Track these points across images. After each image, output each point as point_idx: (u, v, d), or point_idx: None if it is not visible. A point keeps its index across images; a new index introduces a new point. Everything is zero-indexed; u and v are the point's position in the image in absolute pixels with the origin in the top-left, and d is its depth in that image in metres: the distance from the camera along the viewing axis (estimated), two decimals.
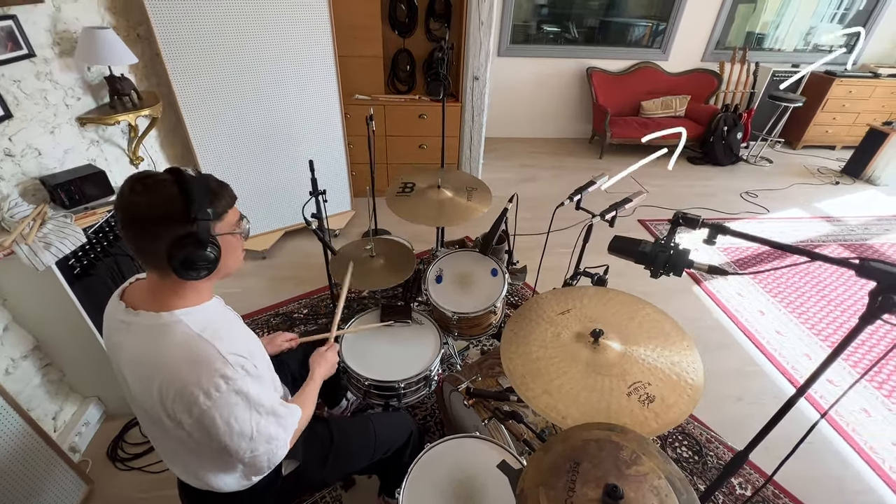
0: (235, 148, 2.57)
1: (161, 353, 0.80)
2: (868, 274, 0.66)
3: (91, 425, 1.79)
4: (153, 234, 0.77)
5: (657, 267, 0.85)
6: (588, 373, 1.12)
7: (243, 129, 2.54)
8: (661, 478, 0.87)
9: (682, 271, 0.83)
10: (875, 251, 3.20)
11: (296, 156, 2.77)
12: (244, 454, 0.86)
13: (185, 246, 0.77)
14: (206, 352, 0.80)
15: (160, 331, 0.81)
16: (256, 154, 2.65)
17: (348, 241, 3.07)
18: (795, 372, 2.20)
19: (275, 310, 2.49)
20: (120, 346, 0.86)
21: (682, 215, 0.81)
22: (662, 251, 0.83)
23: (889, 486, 1.74)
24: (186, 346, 0.80)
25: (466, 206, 1.71)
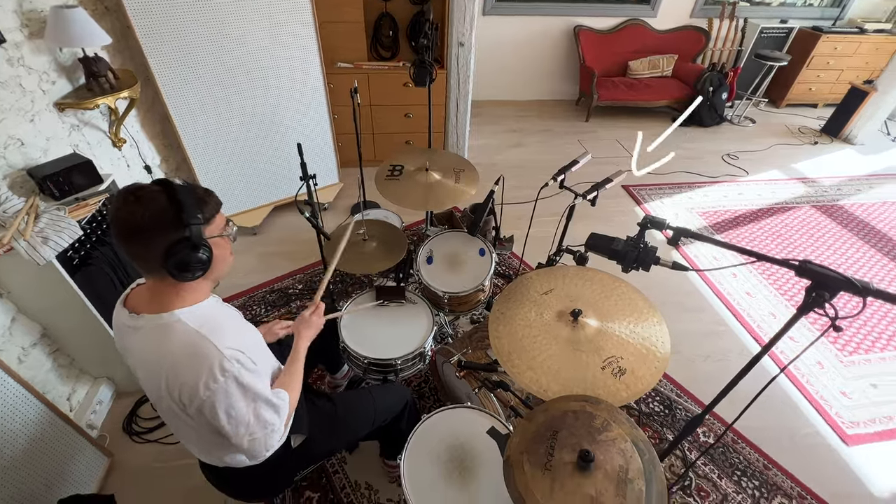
0: (218, 122, 2.53)
1: (164, 351, 0.88)
2: (804, 274, 0.76)
3: (104, 404, 1.90)
4: (148, 241, 0.83)
5: (627, 263, 0.94)
6: (568, 349, 1.24)
7: (225, 102, 2.49)
8: (627, 441, 1.00)
9: (650, 267, 0.92)
10: (844, 211, 3.35)
11: (281, 128, 2.74)
12: (242, 439, 0.95)
13: (179, 250, 0.84)
14: (204, 347, 0.87)
15: (162, 330, 0.89)
16: (241, 127, 2.61)
17: (337, 215, 3.13)
18: (761, 330, 2.38)
19: (269, 286, 2.56)
20: (129, 349, 0.94)
21: (650, 220, 0.88)
22: (632, 250, 0.92)
23: (834, 430, 1.96)
24: (186, 343, 0.87)
25: (454, 188, 1.76)
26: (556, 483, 0.92)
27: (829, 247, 2.99)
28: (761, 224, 3.18)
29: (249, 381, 0.91)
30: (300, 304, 2.43)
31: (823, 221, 3.23)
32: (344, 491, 1.69)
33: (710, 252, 2.89)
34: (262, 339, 1.10)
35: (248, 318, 2.29)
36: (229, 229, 0.96)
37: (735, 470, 1.81)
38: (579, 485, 0.91)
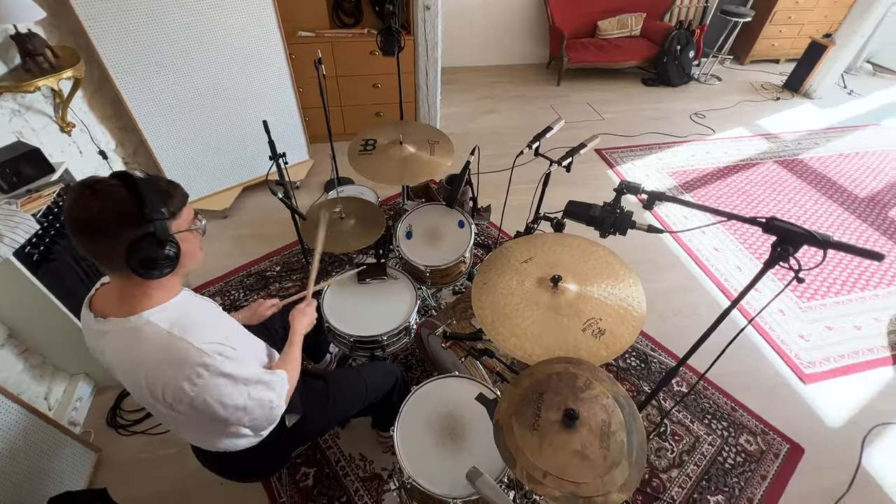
0: (175, 100, 2.38)
1: (137, 356, 0.85)
2: (771, 231, 0.80)
3: (84, 400, 1.85)
4: (109, 238, 0.78)
5: (605, 229, 0.96)
6: (549, 314, 1.27)
7: (180, 77, 2.34)
8: (609, 397, 1.06)
9: (627, 231, 0.95)
10: (804, 165, 3.49)
11: (244, 104, 2.61)
12: (244, 421, 0.95)
13: (143, 247, 0.79)
14: (179, 347, 0.84)
15: (132, 335, 0.85)
16: (201, 105, 2.47)
17: (310, 193, 3.05)
18: (728, 284, 2.50)
19: (246, 269, 2.51)
20: (101, 352, 0.91)
21: (625, 185, 0.90)
22: (609, 215, 0.94)
23: (793, 370, 2.12)
24: (160, 346, 0.84)
25: (429, 160, 1.74)
26: (545, 441, 0.97)
27: (790, 200, 3.12)
28: (728, 181, 3.28)
29: (234, 370, 0.89)
30: (280, 287, 2.40)
31: (785, 176, 3.36)
32: (339, 464, 1.73)
33: (680, 212, 2.98)
34: (239, 325, 1.09)
35: (226, 304, 2.27)
36: (198, 223, 0.92)
37: (706, 414, 1.94)
38: (566, 441, 0.96)
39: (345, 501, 1.64)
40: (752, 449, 1.83)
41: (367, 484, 1.68)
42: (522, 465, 0.93)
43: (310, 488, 1.67)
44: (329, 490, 1.67)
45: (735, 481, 1.73)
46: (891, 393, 2.04)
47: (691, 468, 1.77)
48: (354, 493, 1.66)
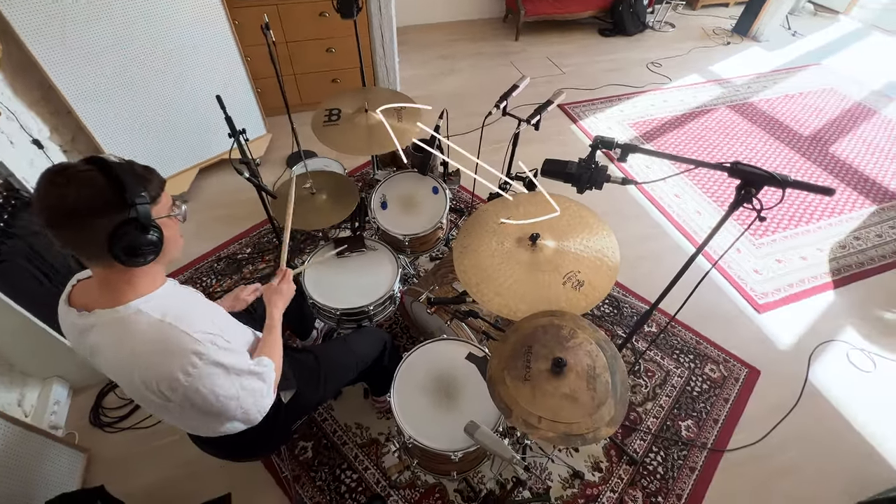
0: (112, 79, 2.18)
1: (129, 347, 0.83)
2: (735, 174, 0.85)
3: (62, 402, 1.79)
4: (89, 226, 0.74)
5: (582, 184, 0.99)
6: (530, 271, 1.32)
7: (113, 54, 2.13)
8: (592, 343, 1.13)
9: (602, 185, 0.98)
10: (754, 108, 3.63)
11: (190, 79, 2.43)
12: (235, 412, 0.95)
13: (126, 233, 0.76)
14: (173, 336, 0.82)
15: (122, 326, 0.83)
16: (143, 85, 2.28)
17: (273, 169, 2.93)
18: (689, 227, 2.64)
19: (215, 254, 2.42)
20: (89, 348, 0.88)
21: (600, 140, 0.92)
22: (585, 171, 0.96)
23: (749, 302, 2.30)
24: (153, 335, 0.82)
25: (397, 127, 1.70)
26: (537, 390, 1.03)
27: (742, 143, 3.27)
28: (685, 129, 3.38)
29: (228, 360, 0.88)
30: (253, 270, 2.35)
31: (737, 120, 3.49)
32: (336, 434, 1.78)
33: (643, 162, 3.07)
34: (229, 316, 1.07)
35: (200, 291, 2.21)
36: (178, 209, 0.88)
37: (674, 350, 2.09)
38: (556, 387, 1.03)
39: (345, 468, 1.70)
40: (716, 376, 2.01)
41: (366, 449, 1.74)
42: (518, 413, 1.00)
43: (310, 460, 1.72)
44: (329, 459, 1.72)
45: (702, 406, 1.91)
46: (832, 314, 2.26)
47: (664, 399, 1.93)
48: (354, 459, 1.72)
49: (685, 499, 1.66)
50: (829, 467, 1.75)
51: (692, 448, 1.79)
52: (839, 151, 3.22)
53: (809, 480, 1.72)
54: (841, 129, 3.43)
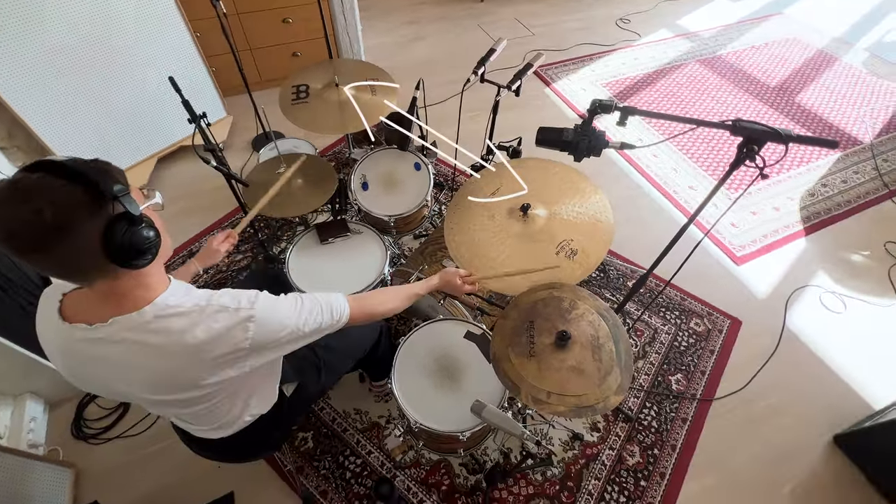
0: (48, 68, 1.97)
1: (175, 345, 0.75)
2: (737, 132, 0.82)
3: (39, 419, 1.69)
4: (78, 236, 0.64)
5: (580, 152, 0.95)
6: (523, 243, 1.29)
7: (48, 37, 1.91)
8: (593, 313, 1.12)
9: (601, 152, 0.94)
10: (722, 61, 3.64)
11: (136, 60, 2.22)
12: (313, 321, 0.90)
13: (120, 230, 0.67)
14: (218, 313, 0.77)
15: (160, 325, 0.75)
16: (85, 72, 2.07)
17: (238, 153, 2.76)
18: (667, 186, 2.66)
19: (186, 249, 2.29)
20: (97, 361, 0.79)
21: (598, 104, 0.87)
22: (583, 137, 0.92)
23: (728, 255, 2.36)
24: (199, 323, 0.76)
25: (372, 101, 1.60)
26: (543, 364, 1.02)
27: (713, 98, 3.28)
28: (657, 87, 3.36)
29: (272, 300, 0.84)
30: (231, 261, 2.23)
31: (707, 75, 3.49)
32: (336, 422, 1.76)
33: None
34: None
35: None
36: (153, 197, 0.80)
37: (660, 308, 2.14)
38: (562, 361, 1.02)
39: (349, 454, 1.69)
40: (701, 330, 2.07)
41: (367, 433, 1.73)
42: (526, 390, 0.98)
43: (311, 450, 1.69)
44: (331, 448, 1.70)
45: (690, 360, 1.97)
46: (804, 260, 2.35)
47: (653, 357, 1.98)
48: (357, 445, 1.71)
49: (679, 448, 1.73)
50: (808, 406, 1.85)
51: (683, 400, 1.86)
52: (805, 100, 3.28)
53: (791, 420, 1.81)
54: (805, 78, 3.49)
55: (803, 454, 1.74)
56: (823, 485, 1.67)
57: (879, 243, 2.41)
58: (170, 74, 1.54)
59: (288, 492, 1.60)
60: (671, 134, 2.96)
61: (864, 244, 2.42)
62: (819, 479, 1.68)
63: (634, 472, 1.68)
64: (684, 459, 1.71)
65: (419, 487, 1.61)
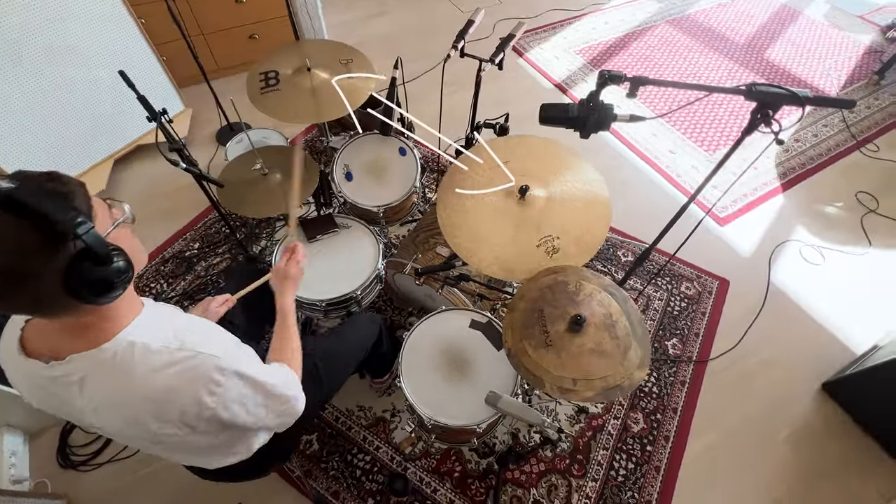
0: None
1: (136, 387, 0.69)
2: (752, 96, 0.78)
3: (20, 452, 1.58)
4: (34, 279, 0.57)
5: (587, 128, 0.89)
6: (524, 228, 1.24)
7: None
8: (601, 291, 1.09)
9: (610, 127, 0.89)
10: (692, 20, 3.61)
11: (78, 53, 2.00)
12: (268, 420, 0.86)
13: (83, 270, 0.59)
14: (188, 360, 0.71)
15: (120, 364, 0.68)
16: (22, 71, 1.86)
17: (203, 148, 2.58)
18: (650, 153, 2.65)
19: (158, 255, 2.15)
20: (62, 402, 0.72)
21: (608, 74, 0.82)
22: (592, 113, 0.86)
23: (713, 218, 2.39)
24: (164, 367, 0.69)
25: (348, 87, 1.48)
26: (562, 352, 0.99)
27: (685, 59, 3.26)
28: (630, 50, 3.32)
29: (248, 370, 0.78)
30: (208, 266, 2.11)
31: (677, 35, 3.46)
32: (339, 421, 1.71)
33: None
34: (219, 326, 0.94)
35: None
36: (119, 211, 0.70)
37: (651, 275, 2.16)
38: (580, 345, 0.99)
39: (356, 452, 1.65)
40: (692, 293, 2.11)
41: (373, 429, 1.70)
42: (551, 381, 0.96)
43: (318, 452, 1.65)
44: (338, 447, 1.66)
45: (684, 323, 2.01)
46: (783, 216, 2.40)
47: (649, 323, 2.00)
48: (364, 441, 1.67)
49: (680, 411, 1.78)
50: (796, 357, 1.92)
51: (680, 364, 1.90)
52: (773, 57, 3.30)
53: (782, 372, 1.88)
54: (772, 34, 3.50)
55: (795, 404, 1.81)
56: (815, 431, 1.75)
57: (851, 194, 2.49)
58: (118, 68, 1.39)
59: (297, 495, 1.56)
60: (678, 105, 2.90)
61: (837, 196, 2.49)
62: (811, 426, 1.76)
63: (640, 438, 1.71)
64: (686, 421, 1.76)
65: (431, 477, 1.60)
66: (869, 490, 1.62)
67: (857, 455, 1.69)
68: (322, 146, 2.45)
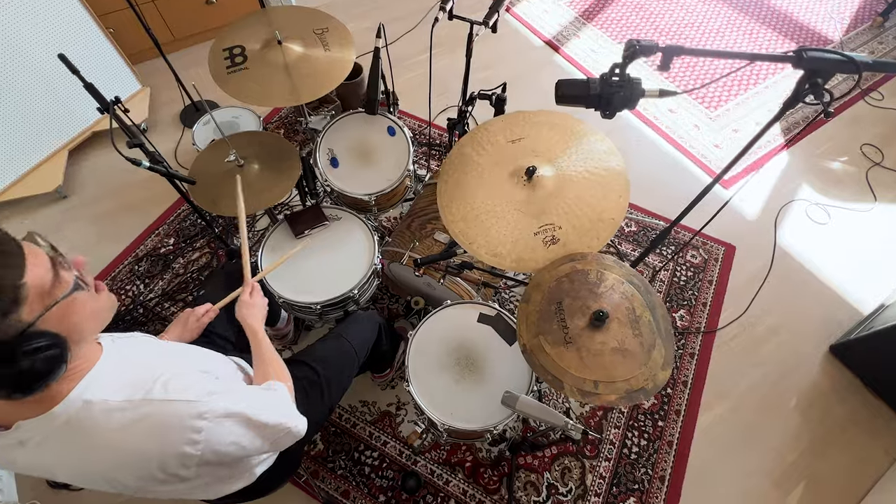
0: None
1: (104, 450, 0.63)
2: (801, 64, 0.69)
3: (4, 477, 1.52)
4: None
5: (613, 107, 0.79)
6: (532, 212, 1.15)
7: None
8: (624, 283, 1.03)
9: (637, 104, 0.79)
10: None
11: (9, 38, 1.78)
12: (265, 448, 0.81)
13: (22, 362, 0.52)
14: (157, 411, 0.64)
15: (72, 430, 0.61)
16: None
17: (167, 132, 2.39)
18: (655, 120, 2.54)
19: (131, 254, 2.02)
20: (22, 467, 0.65)
21: (637, 44, 0.71)
22: (616, 89, 0.76)
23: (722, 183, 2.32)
24: (129, 426, 0.62)
25: (326, 59, 1.34)
26: (583, 351, 0.94)
27: (682, 7, 3.10)
28: (623, 1, 3.13)
29: (235, 405, 0.72)
30: (186, 262, 2.00)
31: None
32: (343, 418, 1.68)
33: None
34: (200, 349, 0.87)
35: (128, 306, 1.86)
36: (70, 277, 0.59)
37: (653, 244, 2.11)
38: (603, 343, 0.94)
39: (363, 449, 1.63)
40: (698, 261, 2.08)
41: (379, 424, 1.67)
42: (570, 383, 0.91)
43: (322, 452, 1.62)
44: (343, 445, 1.63)
45: (690, 294, 1.99)
46: (788, 175, 2.36)
47: None
48: (370, 437, 1.65)
49: (690, 384, 1.78)
50: (804, 321, 1.93)
51: (688, 336, 1.89)
52: (774, 1, 3.16)
53: (790, 336, 1.89)
54: None
55: (803, 367, 1.83)
56: (824, 393, 1.77)
57: (856, 147, 2.45)
58: (63, 46, 1.22)
59: (305, 498, 1.54)
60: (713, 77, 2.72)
61: (842, 150, 2.44)
62: (819, 388, 1.78)
63: (651, 414, 1.72)
64: (696, 393, 1.76)
65: (443, 469, 1.59)
66: (876, 449, 1.66)
67: (864, 415, 1.72)
68: (301, 127, 2.28)
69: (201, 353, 0.89)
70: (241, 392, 0.80)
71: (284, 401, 0.87)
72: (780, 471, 1.62)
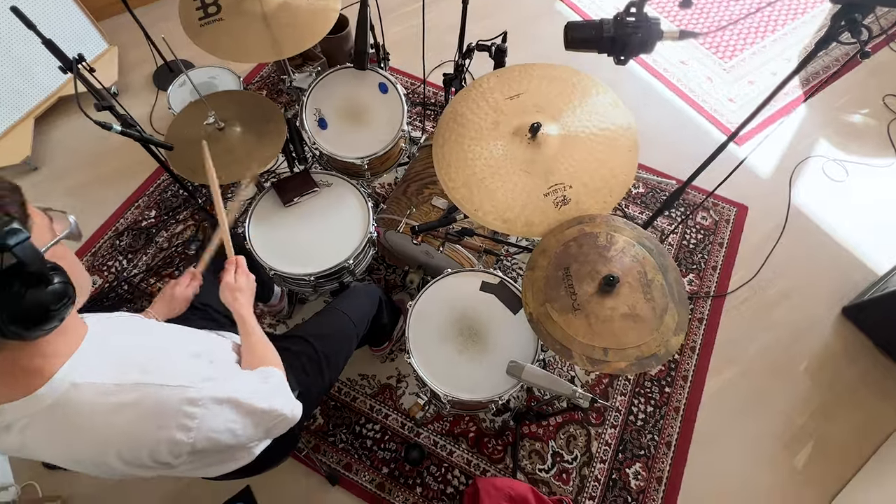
0: None
1: (89, 434, 0.62)
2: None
3: None
4: None
5: (628, 51, 0.74)
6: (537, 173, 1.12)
7: None
8: (635, 245, 1.01)
9: (654, 47, 0.74)
10: None
11: None
12: (260, 434, 0.81)
13: (15, 294, 0.50)
14: (148, 395, 0.63)
15: (58, 413, 0.60)
16: None
17: (140, 95, 2.30)
18: (666, 72, 2.46)
19: (111, 228, 1.99)
20: (13, 449, 0.64)
21: None
22: (633, 31, 0.71)
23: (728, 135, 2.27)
24: (118, 409, 0.61)
25: (309, 9, 1.25)
26: (592, 318, 0.93)
27: None
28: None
29: (229, 391, 0.71)
30: (171, 235, 1.96)
31: None
32: (342, 392, 1.70)
33: None
34: (191, 330, 0.86)
35: (114, 284, 1.84)
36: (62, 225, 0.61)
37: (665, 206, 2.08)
38: (613, 308, 0.93)
39: (364, 422, 1.66)
40: (708, 223, 2.06)
41: (379, 397, 1.69)
42: (579, 351, 0.90)
43: (323, 426, 1.65)
44: (344, 419, 1.66)
45: (700, 257, 1.98)
46: (805, 130, 2.31)
47: None
48: (371, 410, 1.67)
49: (698, 349, 1.80)
50: (817, 283, 1.93)
51: (697, 300, 1.89)
52: None
53: (801, 299, 1.90)
54: None
55: (815, 330, 1.84)
56: (835, 354, 1.80)
57: (878, 98, 2.38)
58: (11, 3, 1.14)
59: (309, 473, 1.57)
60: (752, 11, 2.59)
61: (863, 101, 2.38)
62: (831, 351, 1.80)
63: (658, 380, 1.74)
64: (704, 358, 1.78)
65: (446, 440, 1.62)
66: (887, 409, 1.70)
67: (874, 376, 1.75)
68: (284, 86, 2.19)
69: (192, 333, 0.87)
70: (237, 378, 0.80)
71: (280, 387, 0.86)
72: (789, 434, 1.66)
